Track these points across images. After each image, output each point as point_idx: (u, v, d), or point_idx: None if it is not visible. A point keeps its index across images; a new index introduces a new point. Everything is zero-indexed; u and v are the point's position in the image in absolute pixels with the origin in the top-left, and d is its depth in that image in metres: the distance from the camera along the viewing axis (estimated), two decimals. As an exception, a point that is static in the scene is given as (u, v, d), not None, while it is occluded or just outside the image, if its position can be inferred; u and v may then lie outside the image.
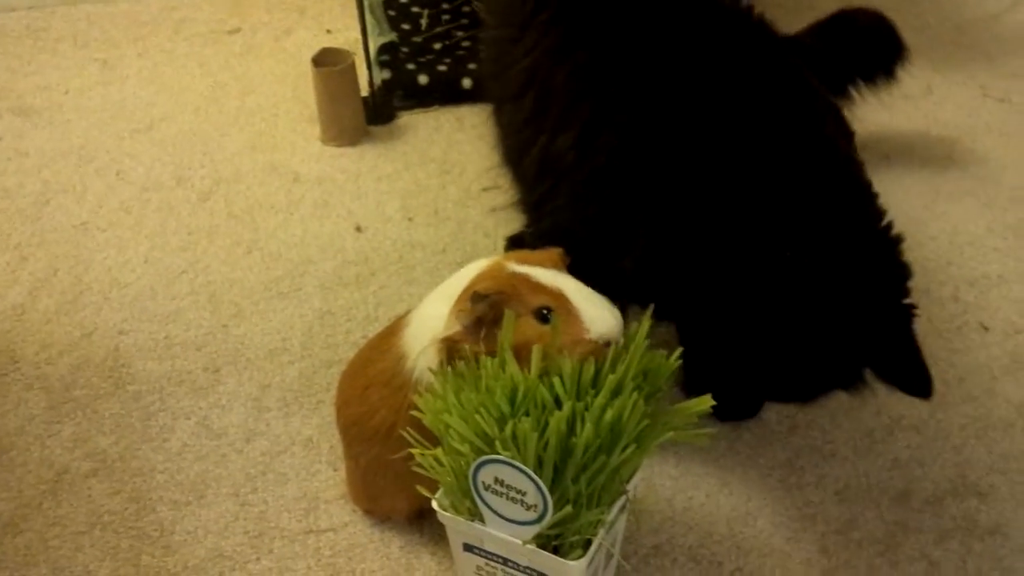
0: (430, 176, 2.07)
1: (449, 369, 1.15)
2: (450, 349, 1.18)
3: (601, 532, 1.13)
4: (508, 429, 1.06)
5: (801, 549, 1.39)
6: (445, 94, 2.25)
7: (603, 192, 1.39)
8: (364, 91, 2.19)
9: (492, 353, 1.13)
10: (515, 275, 1.17)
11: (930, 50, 2.44)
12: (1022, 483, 1.47)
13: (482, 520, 1.15)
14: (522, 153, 1.52)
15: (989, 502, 1.44)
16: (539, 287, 1.16)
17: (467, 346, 1.15)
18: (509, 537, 1.13)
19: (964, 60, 2.39)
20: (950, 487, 1.47)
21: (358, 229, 1.94)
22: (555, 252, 1.24)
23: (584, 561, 1.11)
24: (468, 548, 1.20)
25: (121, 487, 1.49)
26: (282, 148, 2.15)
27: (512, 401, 1.09)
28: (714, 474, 1.50)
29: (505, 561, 1.17)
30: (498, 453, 1.07)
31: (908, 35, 2.46)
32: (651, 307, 1.22)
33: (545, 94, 1.45)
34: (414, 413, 1.15)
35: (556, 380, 1.09)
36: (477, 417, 1.08)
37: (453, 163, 2.10)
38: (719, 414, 1.55)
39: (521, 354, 1.12)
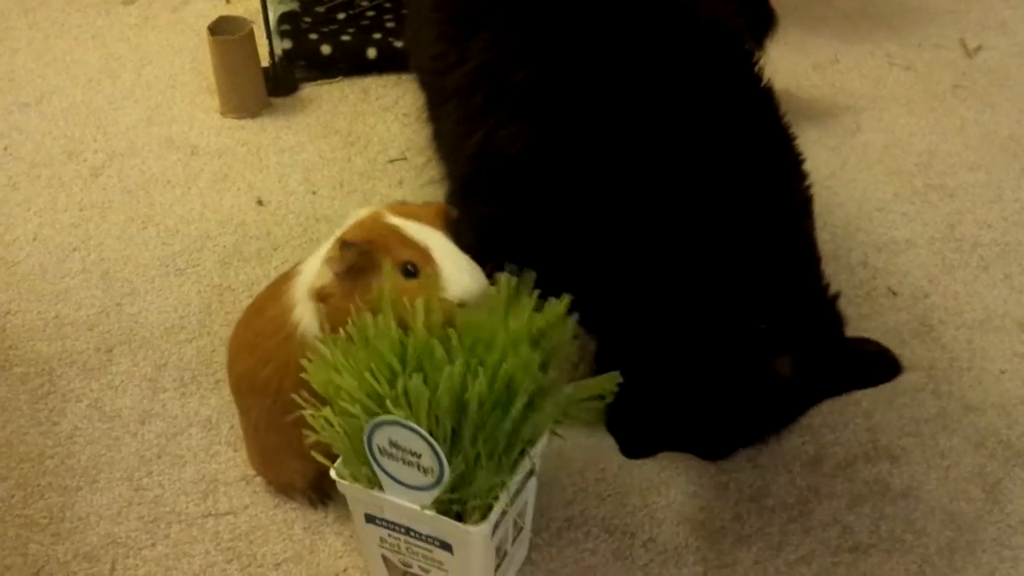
0: (334, 148, 2.01)
1: (337, 333, 1.10)
2: (323, 299, 1.15)
3: (504, 497, 1.10)
4: (398, 386, 1.01)
5: (715, 517, 1.37)
6: (350, 64, 2.19)
7: (547, 194, 1.31)
8: (265, 62, 2.12)
9: (364, 305, 1.10)
10: (387, 226, 1.15)
11: (837, 21, 2.44)
12: (933, 446, 1.46)
13: (381, 488, 1.10)
14: (459, 140, 1.45)
15: (901, 465, 1.44)
16: (407, 241, 1.14)
17: (338, 295, 1.13)
18: (408, 503, 1.08)
19: (870, 30, 2.40)
20: (861, 451, 1.46)
21: (259, 203, 1.88)
22: (438, 206, 1.21)
23: (486, 526, 1.07)
24: (370, 519, 1.16)
25: (7, 473, 1.42)
26: (179, 121, 2.07)
27: (402, 359, 1.04)
28: (625, 442, 1.47)
29: (407, 531, 1.13)
30: (390, 413, 1.02)
31: (815, 6, 2.49)
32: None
33: (498, 91, 1.34)
34: (303, 376, 1.10)
35: (452, 333, 1.05)
36: (367, 375, 1.03)
37: (358, 135, 2.04)
38: (626, 450, 1.41)
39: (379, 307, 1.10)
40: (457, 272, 1.12)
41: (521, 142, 1.28)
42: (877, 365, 1.26)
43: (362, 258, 1.12)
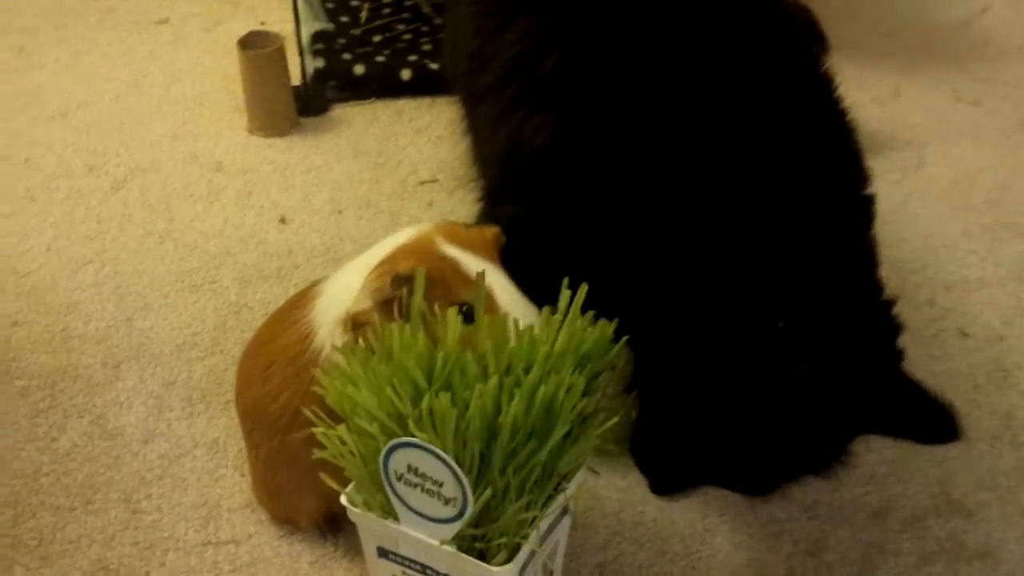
0: (363, 169, 1.91)
1: (356, 343, 0.99)
2: (357, 328, 1.02)
3: (534, 536, 0.97)
4: (423, 405, 0.89)
5: (765, 571, 1.24)
6: (383, 85, 2.10)
7: (573, 187, 1.21)
8: (296, 80, 2.03)
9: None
10: (444, 259, 1.04)
11: (898, 55, 2.33)
12: (1012, 501, 1.32)
13: (397, 518, 0.98)
14: (492, 141, 1.34)
15: (976, 522, 1.29)
16: (465, 278, 1.03)
17: (375, 324, 1.00)
18: (426, 537, 0.96)
19: (934, 65, 2.29)
20: (932, 505, 1.32)
21: (283, 221, 1.78)
22: (491, 232, 1.09)
23: (513, 567, 0.95)
24: (383, 553, 1.03)
25: (-3, 491, 1.31)
26: (206, 137, 1.99)
27: (429, 374, 0.92)
28: (667, 484, 1.34)
29: (424, 568, 1.01)
30: (412, 435, 0.90)
31: (875, 39, 2.38)
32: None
33: (529, 81, 1.25)
34: (316, 389, 0.98)
35: (487, 349, 0.92)
36: (388, 391, 0.91)
37: (389, 155, 1.94)
38: (655, 486, 1.33)
39: None
40: (523, 318, 1.00)
41: (548, 133, 1.17)
42: (933, 418, 1.14)
43: (411, 294, 1.00)
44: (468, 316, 1.00)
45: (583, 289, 1.02)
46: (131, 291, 1.63)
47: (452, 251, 1.05)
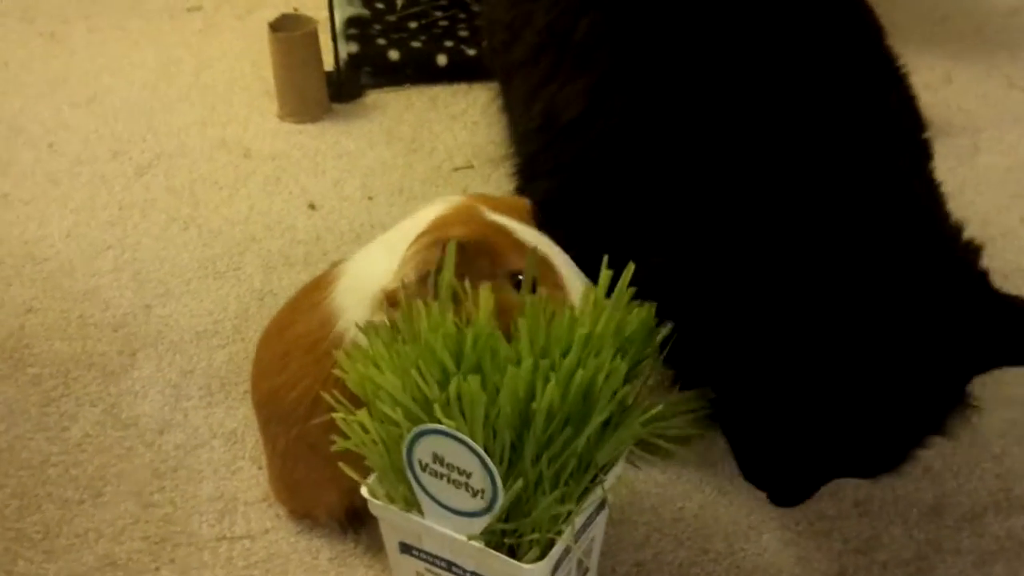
0: (396, 155, 1.85)
1: (380, 321, 0.92)
2: (393, 306, 0.95)
3: (568, 532, 0.89)
4: (451, 389, 0.82)
5: (814, 571, 1.16)
6: (418, 71, 2.04)
7: (608, 157, 1.13)
8: (329, 66, 1.98)
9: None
10: (493, 225, 0.96)
11: (949, 41, 2.24)
12: (1077, 499, 1.23)
13: (421, 512, 0.91)
14: (527, 115, 1.27)
15: (1038, 521, 1.21)
16: (518, 245, 0.95)
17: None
18: (452, 532, 0.89)
19: (986, 52, 2.19)
20: (991, 501, 1.23)
21: (311, 207, 1.72)
22: (523, 202, 1.02)
23: (545, 565, 0.87)
24: (406, 549, 0.96)
25: (4, 481, 1.26)
26: (235, 123, 1.94)
27: (458, 356, 0.85)
28: (709, 481, 1.26)
29: (450, 565, 0.93)
30: (438, 421, 0.83)
31: (926, 26, 2.29)
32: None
33: (562, 50, 1.18)
34: (337, 372, 0.92)
35: (521, 329, 0.85)
36: (413, 373, 0.85)
37: (423, 142, 1.88)
38: (775, 497, 1.20)
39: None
40: (582, 286, 0.93)
41: (581, 102, 1.09)
42: None
43: (463, 263, 0.92)
44: (519, 285, 0.93)
45: (629, 269, 0.94)
46: (151, 278, 1.57)
47: (500, 218, 0.97)
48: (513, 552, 0.90)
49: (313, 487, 1.11)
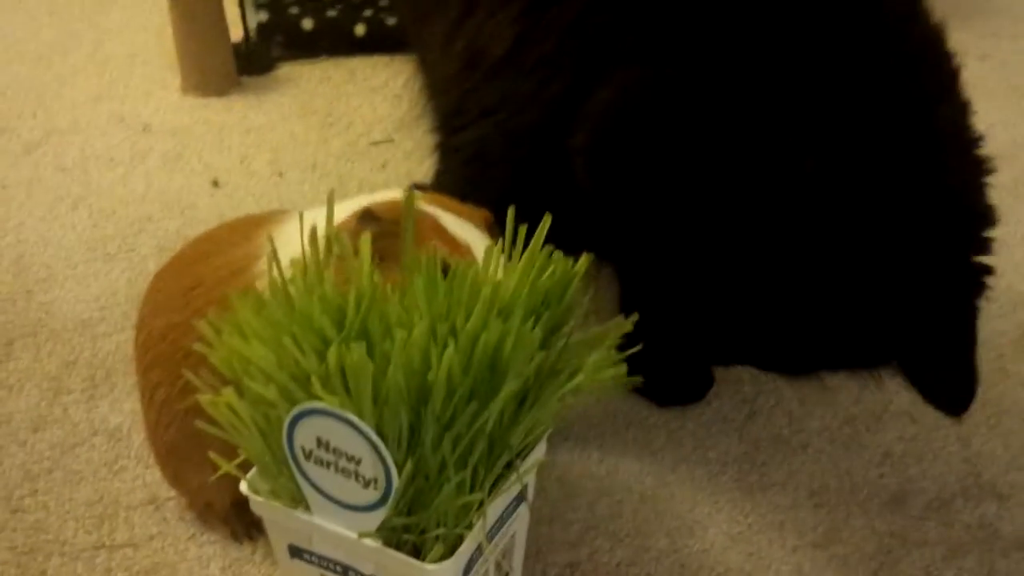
0: (309, 129, 1.71)
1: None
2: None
3: (480, 527, 0.76)
4: (330, 359, 0.69)
5: (767, 568, 1.04)
6: (334, 42, 1.91)
7: (547, 91, 0.99)
8: (236, 37, 1.83)
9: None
10: (422, 213, 0.85)
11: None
12: (1049, 482, 1.12)
13: (309, 508, 0.77)
14: (445, 62, 1.13)
15: (1011, 507, 1.10)
16: (443, 233, 0.84)
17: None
18: (343, 530, 0.75)
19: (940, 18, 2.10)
20: (959, 488, 1.12)
21: (215, 184, 1.58)
22: (484, 213, 0.90)
23: (452, 565, 0.74)
24: (296, 553, 0.83)
25: None
26: (133, 98, 1.79)
27: (340, 323, 0.72)
28: (650, 471, 1.14)
29: (346, 570, 0.80)
30: (317, 398, 0.70)
31: None
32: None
33: None
34: (198, 347, 0.78)
35: (413, 287, 0.72)
36: (287, 342, 0.71)
37: (339, 116, 1.75)
38: (657, 395, 1.20)
39: None
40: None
41: (510, 33, 0.96)
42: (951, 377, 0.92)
43: (381, 239, 0.80)
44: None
45: (546, 220, 0.81)
46: (34, 261, 1.42)
47: (436, 210, 0.86)
48: (418, 552, 0.76)
49: (198, 461, 0.95)
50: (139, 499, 1.09)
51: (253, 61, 1.84)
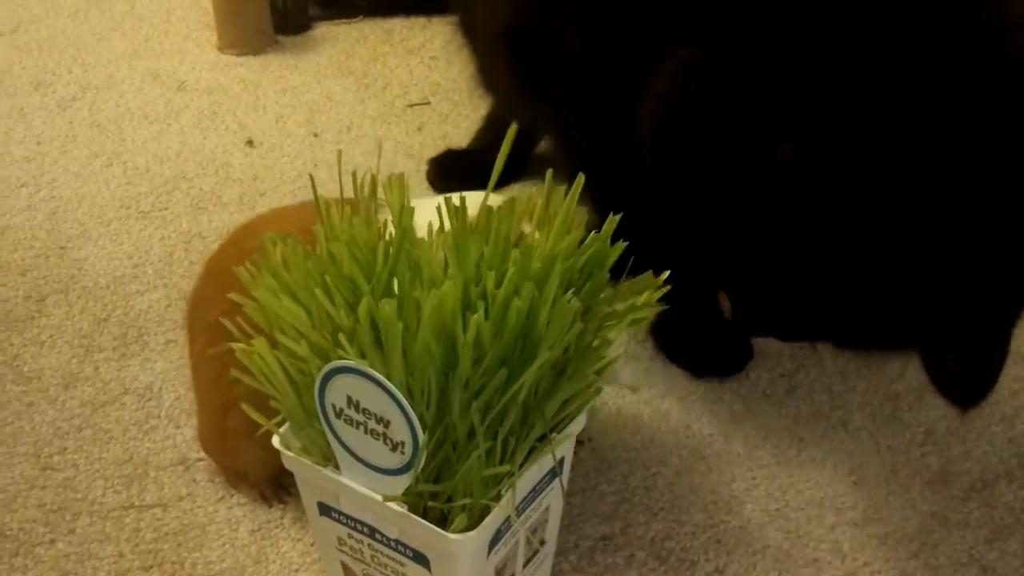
0: (345, 90, 1.69)
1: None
2: None
3: (508, 499, 0.74)
4: (360, 313, 0.67)
5: (805, 547, 1.01)
6: (372, 3, 1.88)
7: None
8: (275, -5, 1.81)
9: None
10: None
11: None
12: (1097, 464, 1.09)
13: (338, 466, 0.76)
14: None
15: (1055, 488, 1.07)
16: None
17: None
18: (368, 492, 0.74)
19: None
20: (1004, 469, 1.09)
21: (249, 144, 1.56)
22: None
23: (477, 536, 0.72)
24: (325, 510, 0.81)
25: None
26: (169, 55, 1.77)
27: (370, 271, 0.70)
28: (686, 444, 1.12)
29: (372, 532, 0.78)
30: (347, 354, 0.68)
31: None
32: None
33: None
34: (233, 297, 0.76)
35: (444, 245, 0.70)
36: (319, 294, 0.69)
37: (375, 77, 1.72)
38: (695, 366, 1.17)
39: None
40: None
41: None
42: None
43: None
44: None
45: (579, 181, 0.79)
46: (68, 218, 1.41)
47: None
48: (444, 521, 0.74)
49: (246, 435, 0.93)
50: (169, 459, 1.09)
51: (290, 20, 1.82)
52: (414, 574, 0.78)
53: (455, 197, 0.73)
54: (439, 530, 0.72)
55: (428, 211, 0.79)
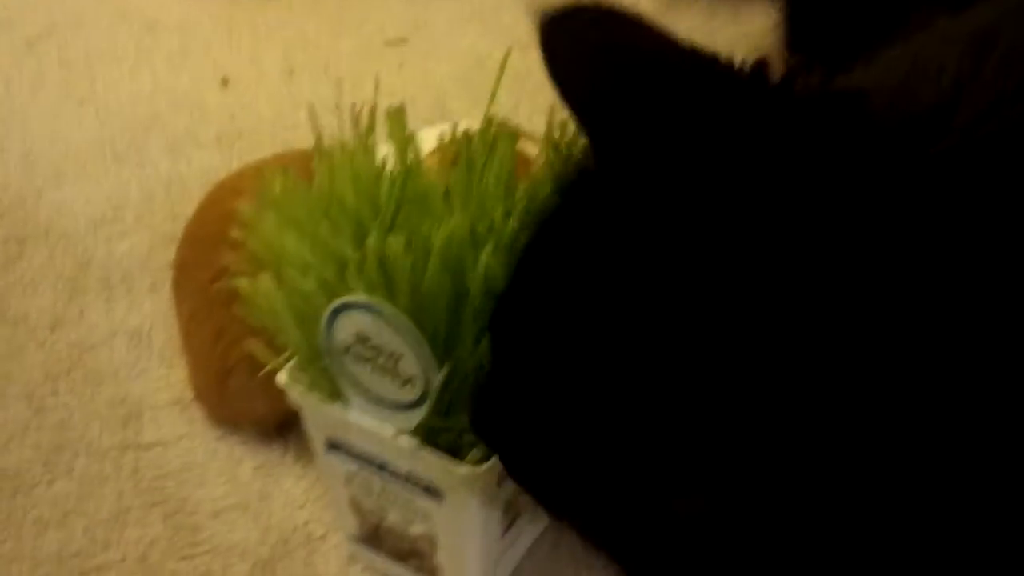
0: (321, 26, 1.67)
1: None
2: None
3: (520, 429, 0.75)
4: (368, 247, 0.67)
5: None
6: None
7: None
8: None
9: None
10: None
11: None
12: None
13: (347, 403, 0.76)
14: None
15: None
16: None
17: None
18: (380, 427, 0.75)
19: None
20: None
21: (224, 82, 1.54)
22: None
23: (488, 468, 0.73)
24: (333, 447, 0.82)
25: None
26: (137, -8, 1.73)
27: (375, 204, 0.70)
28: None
29: (381, 467, 0.79)
30: (354, 289, 0.68)
31: None
32: None
33: None
34: (235, 233, 0.76)
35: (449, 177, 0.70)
36: (324, 227, 0.69)
37: (354, 13, 1.70)
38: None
39: None
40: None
41: None
42: None
43: None
44: None
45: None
46: (42, 160, 1.39)
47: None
48: (455, 452, 0.75)
49: (248, 386, 0.95)
50: (164, 399, 1.09)
51: (260, -45, 1.79)
52: (425, 507, 0.79)
53: (460, 124, 0.74)
54: (453, 461, 0.73)
55: (427, 143, 0.79)
